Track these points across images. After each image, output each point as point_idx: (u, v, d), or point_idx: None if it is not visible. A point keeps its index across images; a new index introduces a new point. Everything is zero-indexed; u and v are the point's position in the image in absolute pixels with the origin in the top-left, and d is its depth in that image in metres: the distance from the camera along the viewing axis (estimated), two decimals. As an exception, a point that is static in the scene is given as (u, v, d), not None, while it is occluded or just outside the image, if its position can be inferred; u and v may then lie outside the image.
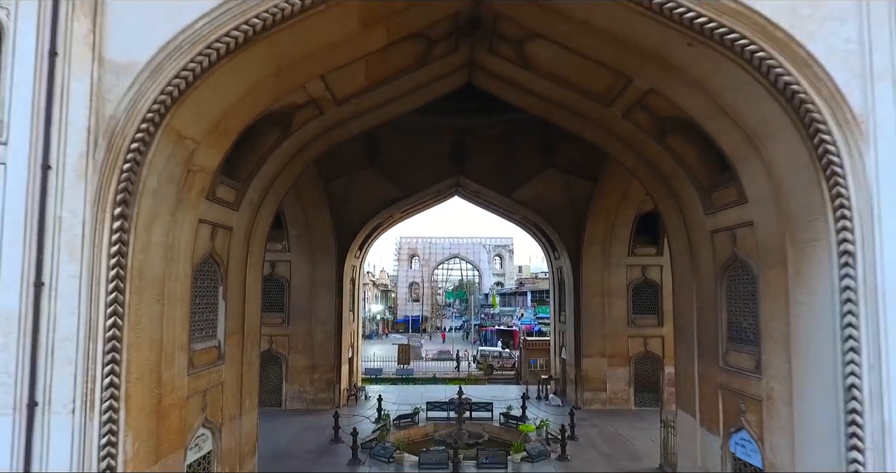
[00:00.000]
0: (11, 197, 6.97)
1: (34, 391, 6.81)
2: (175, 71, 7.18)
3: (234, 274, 10.77)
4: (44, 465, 6.77)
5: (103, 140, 7.09)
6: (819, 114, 7.19)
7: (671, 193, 11.78)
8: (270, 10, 7.25)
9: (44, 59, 7.09)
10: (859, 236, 7.10)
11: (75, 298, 6.94)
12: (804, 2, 7.29)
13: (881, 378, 6.93)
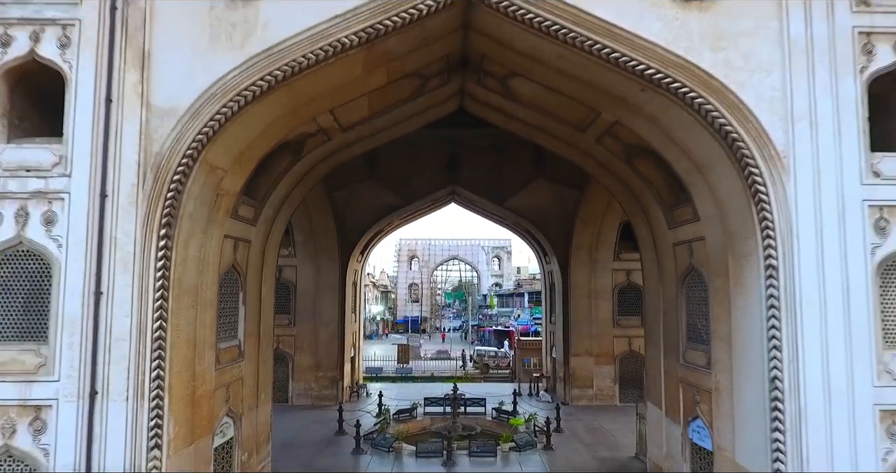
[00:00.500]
0: (75, 221, 8.39)
1: (95, 382, 8.22)
2: (210, 114, 8.60)
3: (251, 281, 12.19)
4: (103, 443, 8.18)
5: (151, 173, 8.50)
6: (748, 151, 8.61)
7: (641, 209, 13.21)
8: (290, 63, 8.67)
9: (101, 104, 8.50)
10: (781, 252, 8.51)
11: (128, 305, 8.35)
12: (737, 56, 8.72)
13: (798, 371, 8.35)
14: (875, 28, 8.75)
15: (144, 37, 8.63)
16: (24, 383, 8.25)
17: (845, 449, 8.24)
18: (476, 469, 15.11)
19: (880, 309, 8.50)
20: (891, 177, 8.60)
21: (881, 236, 8.52)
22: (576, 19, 8.72)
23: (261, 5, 8.69)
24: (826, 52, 8.68)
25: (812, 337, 8.37)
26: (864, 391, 8.31)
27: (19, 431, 8.21)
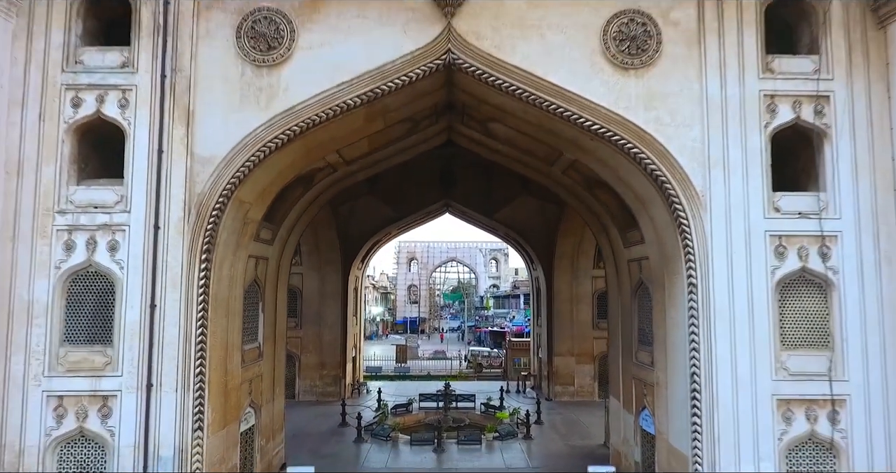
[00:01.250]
0: (133, 247, 10.49)
1: (150, 377, 10.31)
2: (241, 162, 10.70)
3: (269, 292, 14.30)
4: (157, 426, 10.26)
5: (194, 209, 10.59)
6: (673, 191, 10.70)
7: (603, 229, 15.32)
8: (305, 120, 10.78)
9: (154, 154, 10.60)
10: (699, 272, 10.61)
11: (176, 315, 10.44)
12: (665, 114, 10.81)
13: (712, 368, 10.44)
14: (777, 91, 10.85)
15: (189, 99, 10.74)
16: (93, 378, 10.35)
17: (749, 431, 10.33)
18: (462, 455, 17.22)
19: (778, 318, 10.59)
20: (789, 211, 10.70)
21: (780, 260, 10.61)
22: (534, 84, 10.83)
23: (282, 73, 10.80)
24: (737, 111, 10.78)
25: (723, 340, 10.46)
26: (765, 384, 10.40)
27: (90, 416, 10.31)
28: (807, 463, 10.44)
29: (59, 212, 10.57)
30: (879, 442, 10.30)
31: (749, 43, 10.87)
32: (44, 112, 10.66)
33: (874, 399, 10.35)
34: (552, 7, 10.89)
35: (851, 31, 10.94)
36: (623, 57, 10.79)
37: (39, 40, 10.77)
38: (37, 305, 10.38)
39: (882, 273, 10.50)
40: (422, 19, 10.84)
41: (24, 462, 10.19)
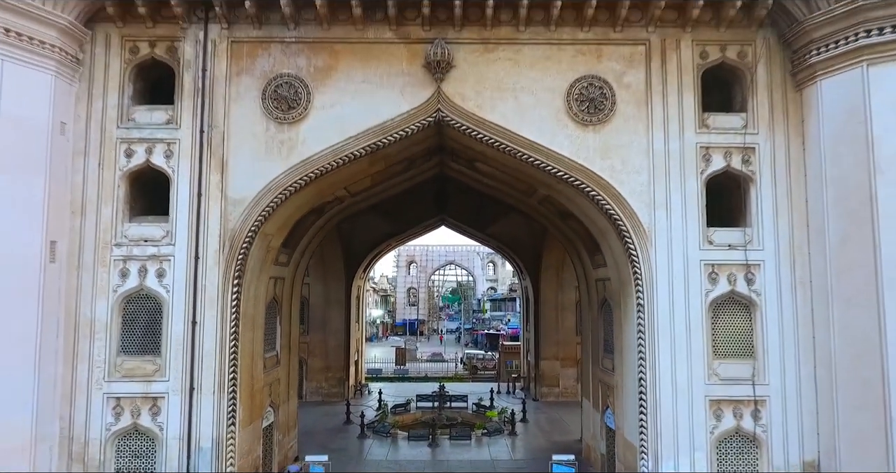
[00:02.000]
0: (178, 274, 12.68)
1: (192, 381, 12.50)
2: (266, 203, 12.89)
3: (285, 307, 16.51)
4: (198, 421, 12.45)
5: (228, 242, 12.79)
6: (625, 227, 12.90)
7: (576, 251, 17.54)
8: (319, 168, 12.98)
9: (194, 196, 12.80)
10: (646, 295, 12.80)
11: (213, 330, 12.63)
12: (618, 162, 13.01)
13: (655, 374, 12.62)
14: (711, 143, 13.06)
15: (223, 150, 12.94)
16: (145, 382, 12.55)
17: (686, 426, 12.51)
18: (454, 449, 19.43)
19: (711, 333, 12.79)
20: (720, 244, 12.90)
21: (713, 284, 12.81)
22: (510, 138, 13.04)
23: (300, 129, 13.01)
24: (678, 160, 12.98)
25: (665, 351, 12.64)
26: (699, 387, 12.59)
27: (143, 414, 12.51)
28: (733, 452, 12.65)
29: (116, 244, 12.78)
30: (793, 435, 12.51)
31: (688, 103, 13.08)
32: (102, 161, 12.87)
33: (789, 400, 12.55)
34: (524, 73, 13.10)
35: (774, 93, 13.15)
36: (583, 115, 13.00)
37: (98, 101, 12.98)
38: (98, 322, 12.59)
39: (797, 295, 12.70)
40: (416, 83, 13.06)
41: (88, 452, 12.40)
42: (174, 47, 13.14)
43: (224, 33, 13.09)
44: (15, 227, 11.56)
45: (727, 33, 13.15)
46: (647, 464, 12.67)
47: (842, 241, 11.95)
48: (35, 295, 11.84)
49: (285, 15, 12.62)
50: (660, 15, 12.82)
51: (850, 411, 11.73)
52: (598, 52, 13.20)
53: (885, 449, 11.02)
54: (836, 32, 11.87)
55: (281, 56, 13.15)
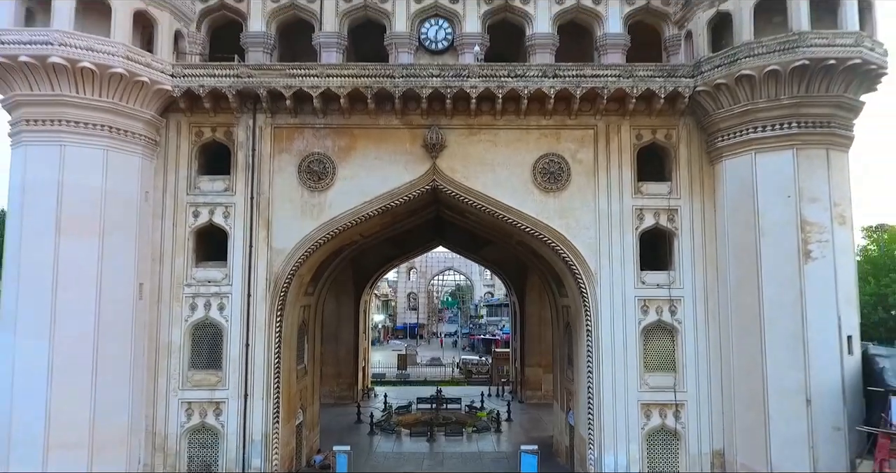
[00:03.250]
0: (234, 308, 16.56)
1: (247, 389, 16.38)
2: (301, 253, 16.79)
3: (310, 328, 20.41)
4: (251, 420, 16.33)
5: (272, 283, 16.67)
6: (578, 271, 16.79)
7: (547, 282, 21.42)
8: (341, 226, 16.87)
9: (246, 247, 16.69)
10: (594, 323, 16.69)
11: (262, 350, 16.52)
12: (573, 221, 16.89)
13: (600, 384, 16.49)
14: (644, 206, 16.94)
15: (268, 212, 16.82)
16: (210, 390, 16.43)
17: (623, 424, 16.37)
18: (448, 443, 23.33)
19: (643, 352, 16.65)
20: (650, 283, 16.77)
21: (644, 314, 16.68)
22: (489, 201, 16.94)
23: (327, 195, 16.88)
24: (618, 219, 16.86)
25: (607, 365, 16.50)
26: (633, 393, 16.45)
27: (208, 414, 16.38)
28: (659, 443, 16.54)
29: (187, 285, 16.67)
30: (704, 430, 16.40)
31: (626, 174, 16.97)
32: (175, 221, 16.77)
33: (702, 403, 16.44)
34: (500, 151, 17.00)
35: (693, 166, 17.05)
36: (546, 184, 16.90)
37: (171, 174, 16.87)
38: (173, 345, 16.48)
39: (708, 324, 16.59)
40: (416, 160, 16.96)
41: (167, 444, 16.29)
42: (230, 131, 17.03)
43: (268, 121, 16.99)
44: (115, 273, 15.42)
45: (657, 120, 17.06)
46: (594, 453, 16.58)
47: (738, 285, 15.86)
48: (129, 324, 15.74)
49: (316, 107, 16.47)
50: (605, 106, 16.71)
51: (743, 411, 15.65)
52: (558, 135, 17.11)
53: (765, 439, 14.95)
54: (735, 125, 15.79)
55: (312, 138, 17.05)
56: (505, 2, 17.70)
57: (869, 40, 14.72)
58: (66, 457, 14.39)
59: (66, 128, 14.87)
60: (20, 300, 14.59)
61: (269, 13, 17.62)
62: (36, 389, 14.35)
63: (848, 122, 15.51)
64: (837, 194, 15.19)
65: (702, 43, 16.19)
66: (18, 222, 14.87)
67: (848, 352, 14.84)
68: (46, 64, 14.22)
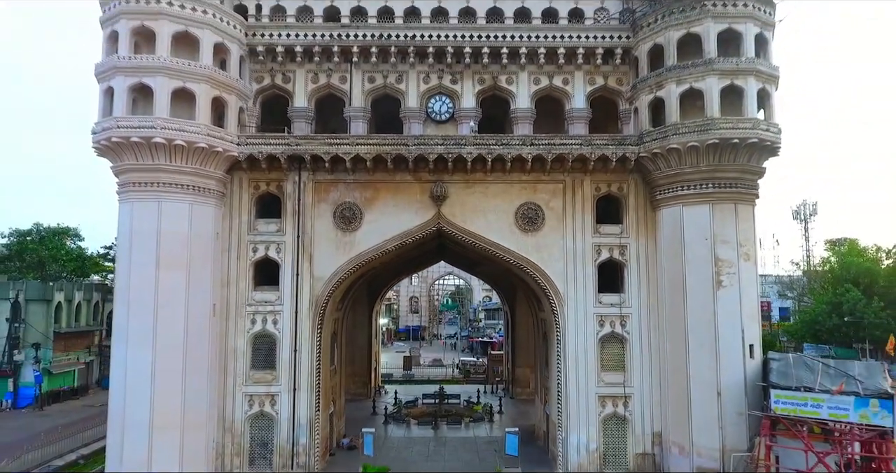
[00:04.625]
0: (285, 322, 21.53)
1: (295, 385, 21.34)
2: (336, 279, 21.77)
3: (339, 336, 25.38)
4: (299, 408, 21.28)
5: (314, 303, 21.64)
6: (550, 294, 21.77)
7: (529, 299, 26.35)
8: (367, 259, 21.84)
9: (294, 275, 21.65)
10: (563, 333, 21.65)
11: (307, 355, 21.48)
12: (547, 255, 21.85)
13: (566, 381, 21.45)
14: (601, 243, 21.88)
15: (310, 248, 21.78)
16: (266, 386, 21.38)
17: (584, 412, 21.31)
18: (449, 430, 28.30)
19: (600, 356, 21.58)
20: (606, 303, 21.73)
21: (601, 327, 21.61)
22: (481, 239, 21.93)
23: (356, 235, 21.83)
24: (581, 254, 21.79)
25: (572, 367, 21.42)
26: (592, 388, 21.37)
27: (265, 404, 21.33)
28: (612, 427, 21.46)
29: (248, 304, 21.61)
30: (647, 416, 21.34)
31: (587, 219, 21.91)
32: (239, 255, 21.71)
33: (644, 395, 21.38)
34: (490, 201, 21.96)
35: (639, 212, 22.00)
36: (525, 226, 21.85)
37: (235, 218, 21.81)
38: (238, 351, 21.42)
39: (650, 334, 21.52)
40: (424, 207, 21.91)
41: (234, 427, 21.23)
42: (281, 185, 21.98)
43: (310, 177, 21.94)
44: (197, 296, 20.35)
45: (611, 176, 22.01)
46: (563, 434, 21.52)
47: (670, 305, 20.82)
48: (206, 335, 20.68)
49: (347, 167, 21.40)
50: (571, 166, 21.66)
51: (674, 401, 20.59)
52: (534, 188, 22.06)
53: (688, 422, 19.90)
54: (668, 184, 20.76)
55: (344, 190, 22.01)
56: (493, 82, 22.66)
57: (765, 124, 19.69)
58: (165, 436, 19.33)
59: (161, 189, 19.82)
60: (130, 319, 19.56)
61: (310, 92, 22.56)
62: (143, 386, 19.29)
63: (752, 183, 20.51)
64: (743, 237, 20.16)
65: (644, 119, 21.16)
66: (127, 259, 19.85)
67: (750, 357, 19.81)
68: (150, 142, 19.17)
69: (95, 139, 19.67)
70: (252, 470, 21.27)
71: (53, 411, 35.26)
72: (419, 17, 22.58)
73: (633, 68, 22.28)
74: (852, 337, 47.49)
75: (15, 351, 35.87)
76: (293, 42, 21.99)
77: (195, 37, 20.00)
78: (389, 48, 22.05)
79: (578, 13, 22.83)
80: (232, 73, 21.10)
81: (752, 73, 19.62)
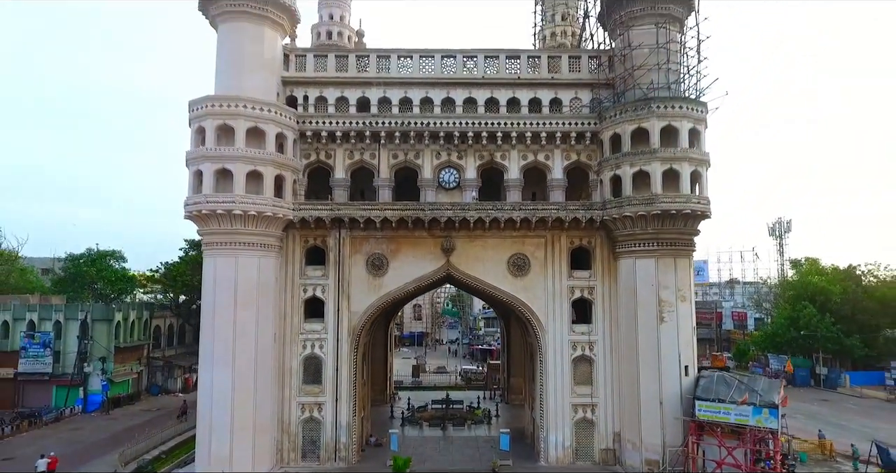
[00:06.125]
0: (329, 347, 27.81)
1: (337, 394, 27.60)
2: (368, 314, 28.08)
3: (367, 355, 31.63)
4: (341, 413, 27.54)
5: (351, 332, 27.91)
6: (534, 324, 28.07)
7: (520, 326, 32.63)
8: (391, 298, 28.11)
9: (335, 310, 27.93)
10: (544, 355, 27.92)
11: (346, 373, 27.75)
12: (533, 294, 28.12)
13: (546, 391, 27.72)
14: (575, 285, 28.15)
15: (348, 289, 28.05)
16: (314, 396, 27.65)
17: (561, 416, 27.58)
18: (455, 431, 34.60)
19: (572, 373, 27.82)
20: (578, 332, 28.00)
21: (573, 351, 27.87)
22: (481, 283, 28.24)
23: (384, 279, 28.12)
24: (559, 294, 28.04)
25: (551, 381, 27.69)
26: (567, 398, 27.62)
27: (314, 411, 27.59)
28: (582, 428, 27.72)
29: (300, 333, 27.88)
30: (609, 420, 27.61)
31: (564, 266, 28.20)
32: (293, 295, 27.97)
33: (607, 404, 27.64)
34: (488, 252, 28.24)
35: (605, 261, 28.28)
36: (515, 272, 28.13)
37: (289, 267, 28.09)
38: (293, 370, 27.68)
39: (612, 356, 27.77)
40: (437, 257, 28.20)
41: (290, 429, 27.48)
42: (325, 240, 28.24)
43: (348, 233, 28.19)
44: (263, 328, 26.57)
45: (582, 233, 28.30)
46: (544, 433, 27.76)
47: (626, 334, 27.09)
48: (270, 358, 26.97)
49: (377, 226, 27.62)
50: (551, 225, 27.92)
51: (629, 409, 26.83)
52: (522, 242, 28.33)
53: (639, 424, 26.14)
54: (625, 241, 27.05)
55: (375, 243, 28.27)
56: (491, 158, 28.92)
57: (696, 198, 25.94)
58: (241, 435, 25.54)
59: (238, 247, 26.04)
60: (215, 346, 25.77)
61: (347, 165, 28.81)
62: (225, 397, 25.50)
63: (689, 241, 26.79)
64: (680, 283, 26.42)
65: (607, 190, 27.44)
66: (212, 300, 26.07)
67: (685, 375, 26.06)
68: (231, 213, 25.41)
69: (188, 210, 25.92)
70: (304, 462, 27.51)
71: (117, 414, 41.56)
72: (432, 105, 28.87)
73: (599, 148, 28.54)
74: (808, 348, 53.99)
75: (84, 363, 42.16)
76: (334, 128, 28.26)
77: (262, 130, 26.23)
78: (409, 132, 28.32)
79: (558, 101, 29.12)
80: (287, 154, 27.37)
81: (685, 160, 25.86)
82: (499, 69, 29.24)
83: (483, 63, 29.27)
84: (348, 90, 28.99)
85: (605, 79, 28.96)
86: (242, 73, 26.94)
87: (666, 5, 27.39)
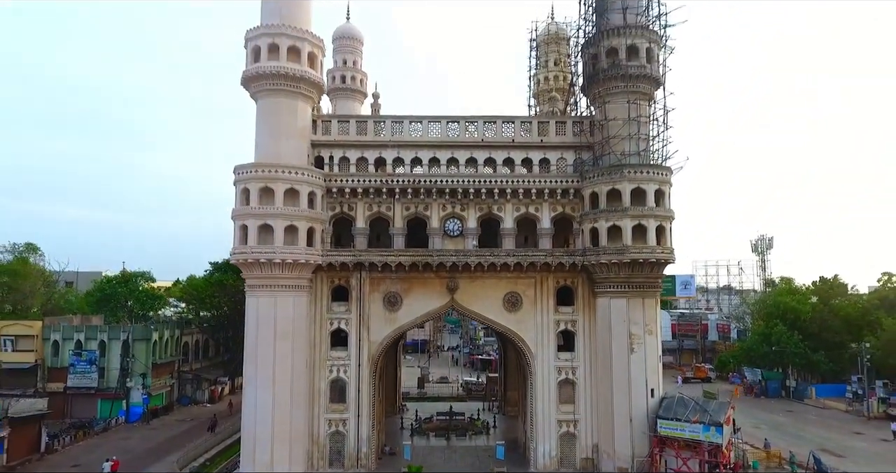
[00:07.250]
0: (352, 371, 32.90)
1: (359, 411, 32.66)
2: (385, 343, 33.22)
3: (383, 374, 36.71)
4: (361, 428, 32.60)
5: (371, 359, 32.99)
6: (526, 352, 33.14)
7: (515, 352, 37.71)
8: (404, 329, 33.21)
9: (357, 341, 33.03)
10: (534, 377, 33.00)
11: (367, 393, 32.84)
12: (525, 325, 33.21)
13: (535, 407, 32.79)
14: (560, 319, 33.23)
15: (368, 322, 33.13)
16: (339, 413, 32.73)
17: (548, 430, 32.64)
18: (458, 440, 39.71)
19: (558, 393, 32.87)
20: (563, 358, 33.10)
21: (559, 374, 32.92)
22: (481, 317, 33.43)
23: (398, 314, 33.20)
24: (546, 326, 33.11)
25: (540, 400, 32.74)
26: (553, 414, 32.70)
27: (339, 426, 32.68)
28: (566, 441, 32.80)
29: (327, 360, 32.96)
30: (589, 434, 32.69)
31: (551, 302, 33.29)
32: (321, 327, 33.07)
33: (588, 419, 32.72)
34: (487, 290, 33.32)
35: (586, 299, 33.36)
36: (509, 308, 33.21)
37: (318, 303, 33.18)
38: (322, 391, 32.76)
39: (591, 380, 32.83)
40: (442, 295, 33.29)
41: (319, 440, 32.58)
42: (348, 280, 33.32)
43: (367, 275, 33.26)
44: (297, 356, 31.64)
45: (567, 274, 33.37)
46: (534, 444, 32.83)
47: (603, 362, 32.16)
48: (303, 381, 32.03)
49: (392, 269, 32.69)
50: (540, 268, 32.97)
51: (604, 424, 31.88)
52: (516, 282, 33.40)
53: (612, 437, 31.20)
54: (602, 283, 32.12)
55: (390, 283, 33.34)
56: (489, 210, 33.96)
57: (661, 248, 31.01)
58: (280, 445, 30.60)
59: (276, 289, 31.11)
60: (258, 371, 30.83)
61: (366, 216, 33.85)
62: (266, 414, 30.56)
63: (655, 283, 31.87)
64: (648, 319, 31.48)
65: (587, 239, 32.50)
66: (255, 334, 31.13)
67: (651, 397, 31.10)
68: (271, 262, 30.47)
69: (234, 259, 31.02)
70: (331, 469, 32.57)
71: (157, 424, 46.64)
72: (439, 163, 33.94)
73: (581, 201, 33.57)
74: (780, 362, 59.15)
75: (126, 379, 47.25)
76: (355, 185, 33.31)
77: (297, 190, 31.29)
78: (419, 188, 33.36)
79: (546, 161, 34.21)
80: (317, 208, 32.44)
81: (652, 217, 30.92)
82: (496, 132, 34.31)
83: (482, 127, 34.34)
84: (367, 151, 34.06)
85: (586, 142, 34.02)
86: (279, 141, 32.02)
87: (637, 84, 32.42)
